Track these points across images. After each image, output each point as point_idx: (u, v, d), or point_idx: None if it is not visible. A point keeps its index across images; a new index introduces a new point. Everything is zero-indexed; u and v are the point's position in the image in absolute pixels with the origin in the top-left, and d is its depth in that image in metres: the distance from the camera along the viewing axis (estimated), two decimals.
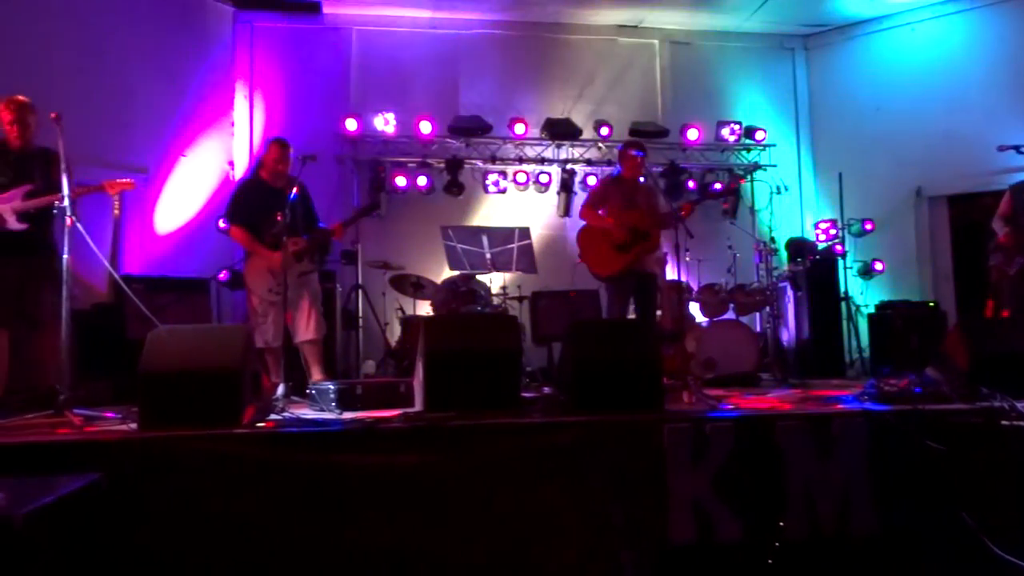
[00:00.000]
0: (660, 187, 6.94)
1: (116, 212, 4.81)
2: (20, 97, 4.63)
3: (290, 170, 5.04)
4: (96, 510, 2.67)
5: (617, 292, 5.53)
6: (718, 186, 8.39)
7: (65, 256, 4.02)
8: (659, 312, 6.18)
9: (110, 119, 6.56)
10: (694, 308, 6.78)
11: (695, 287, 6.87)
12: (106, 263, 4.53)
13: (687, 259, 6.54)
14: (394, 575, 3.14)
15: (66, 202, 4.12)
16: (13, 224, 4.50)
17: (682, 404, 4.11)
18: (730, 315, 6.69)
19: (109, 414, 3.88)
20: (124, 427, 3.52)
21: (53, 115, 4.14)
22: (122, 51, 6.86)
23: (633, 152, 5.62)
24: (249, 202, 5.04)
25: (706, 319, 6.68)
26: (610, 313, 5.54)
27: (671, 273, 6.22)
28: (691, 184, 8.35)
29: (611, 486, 3.30)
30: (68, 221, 4.05)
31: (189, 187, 7.47)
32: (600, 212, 5.56)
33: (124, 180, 4.43)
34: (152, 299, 4.99)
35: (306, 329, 5.03)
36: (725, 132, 8.46)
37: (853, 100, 8.44)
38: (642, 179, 5.70)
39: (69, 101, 4.61)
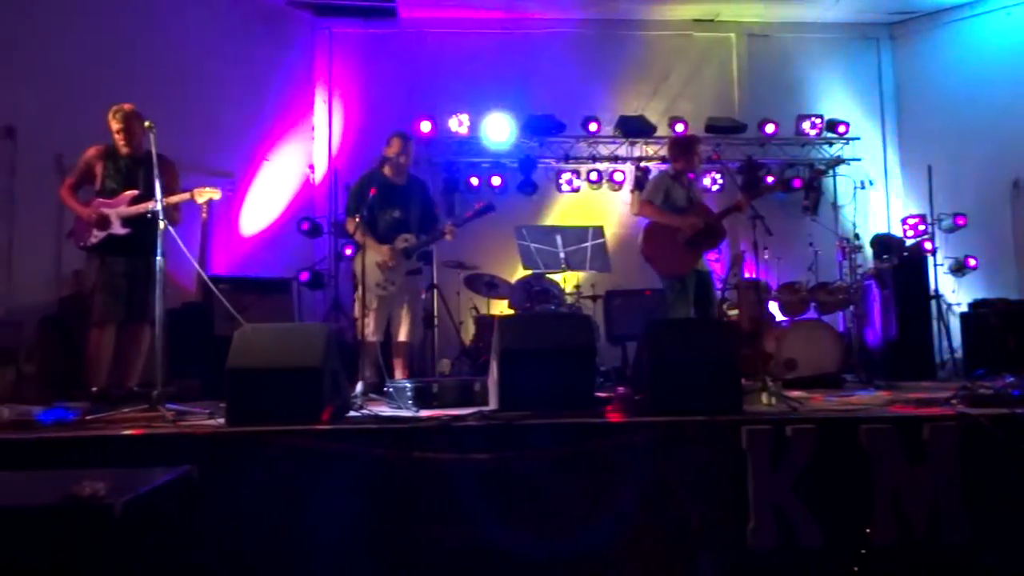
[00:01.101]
0: (737, 183, 6.92)
1: (204, 216, 5.01)
2: (126, 106, 4.83)
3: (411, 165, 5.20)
4: (188, 500, 2.74)
5: (684, 291, 5.48)
6: (797, 182, 8.31)
7: (158, 258, 4.19)
8: (736, 311, 6.16)
9: (197, 126, 6.76)
10: (773, 307, 6.67)
11: (774, 286, 6.76)
12: (196, 264, 4.70)
13: (765, 257, 6.46)
14: (467, 571, 3.14)
15: (159, 207, 4.28)
16: (117, 228, 4.75)
17: (761, 406, 4.03)
18: (811, 314, 6.55)
19: (199, 409, 3.99)
20: (213, 422, 3.63)
21: (147, 124, 4.38)
22: (208, 60, 7.09)
23: (695, 145, 5.64)
24: (364, 195, 5.05)
25: (786, 318, 6.55)
26: (675, 312, 5.50)
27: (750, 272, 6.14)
28: (769, 180, 8.21)
29: (689, 488, 3.25)
30: (161, 225, 4.22)
31: (271, 191, 7.76)
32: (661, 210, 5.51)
33: (211, 189, 4.57)
34: (237, 298, 5.14)
35: (400, 330, 5.12)
36: (805, 126, 8.30)
37: (943, 90, 8.23)
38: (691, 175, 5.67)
39: (160, 109, 4.80)
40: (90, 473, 2.37)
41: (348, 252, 7.24)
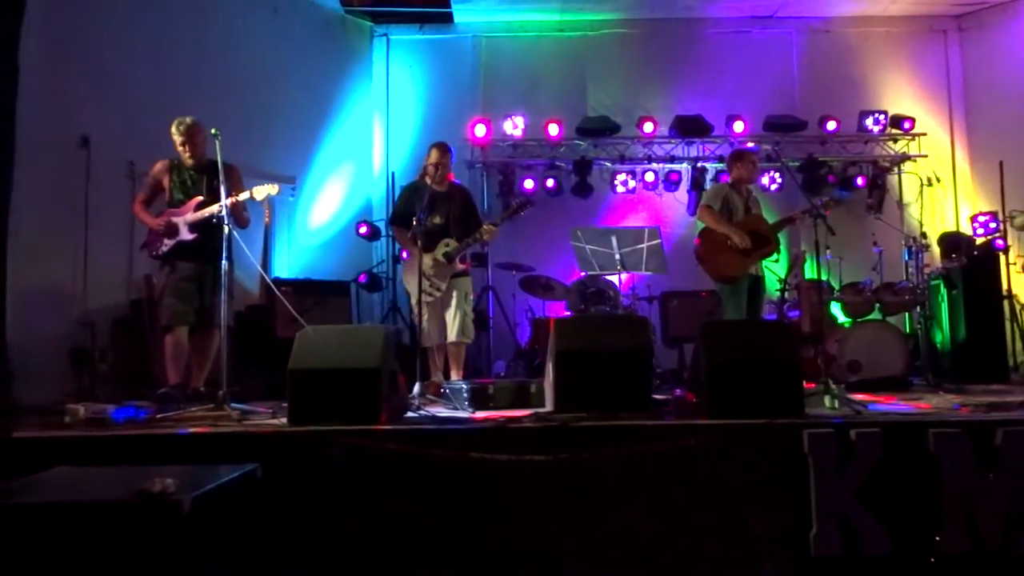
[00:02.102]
0: (797, 182, 6.72)
1: (267, 220, 5.11)
2: (188, 119, 4.93)
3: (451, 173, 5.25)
4: (253, 497, 2.80)
5: (736, 295, 5.46)
6: (860, 179, 8.11)
7: (224, 262, 4.27)
8: (799, 312, 6.08)
9: (260, 133, 6.90)
10: (836, 308, 6.56)
11: (837, 286, 6.63)
12: (259, 267, 4.79)
13: (828, 257, 6.29)
14: (523, 573, 3.14)
15: (224, 211, 4.38)
16: (185, 235, 4.86)
17: (824, 409, 3.94)
18: (876, 315, 6.41)
19: (262, 409, 4.06)
20: (275, 421, 3.70)
21: (212, 131, 4.43)
22: (271, 69, 7.22)
23: (755, 158, 5.69)
24: (407, 204, 5.12)
25: (850, 320, 6.43)
26: (726, 316, 5.49)
27: (812, 272, 6.01)
28: (831, 179, 8.05)
29: (749, 493, 3.18)
30: (226, 229, 4.30)
31: (331, 195, 7.85)
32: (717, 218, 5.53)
33: (269, 185, 4.60)
34: (298, 301, 5.24)
35: (451, 331, 5.11)
36: (868, 122, 8.11)
37: (1014, 82, 7.90)
38: (750, 186, 5.74)
39: (225, 117, 4.92)
40: (160, 470, 2.45)
41: (405, 255, 6.70)
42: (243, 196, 4.56)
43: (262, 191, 4.57)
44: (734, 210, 5.58)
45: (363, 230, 7.66)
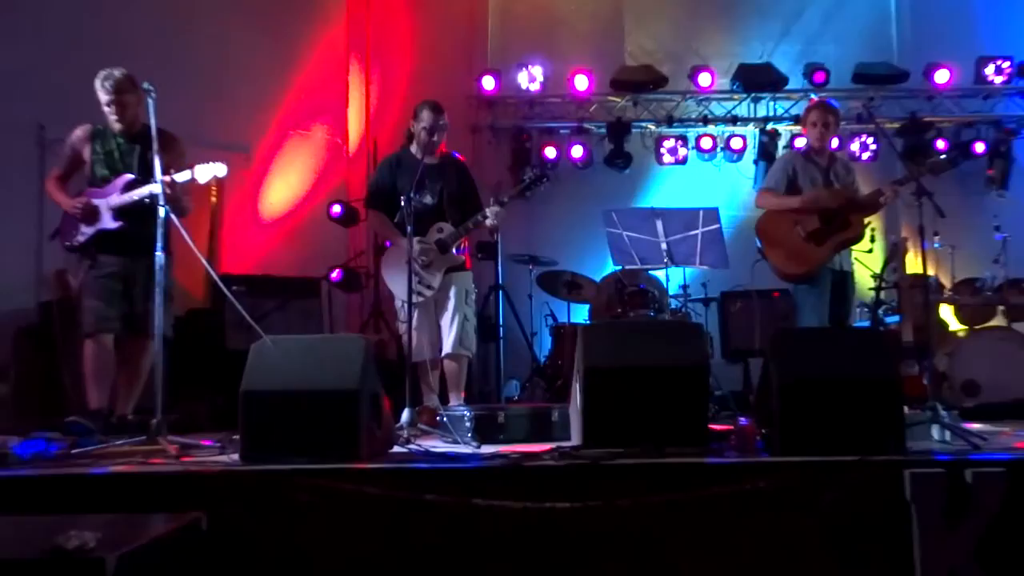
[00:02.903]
0: (897, 149, 6.78)
1: (213, 199, 5.06)
2: (116, 72, 4.84)
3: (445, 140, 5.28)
4: (195, 554, 2.78)
5: (817, 295, 5.51)
6: (979, 146, 8.10)
7: (159, 254, 4.24)
8: (899, 318, 6.05)
9: (206, 91, 6.95)
10: (946, 312, 6.69)
11: (948, 284, 6.73)
12: (204, 261, 4.70)
13: (936, 246, 6.38)
14: None
15: (158, 189, 4.35)
16: (108, 222, 4.84)
17: (931, 443, 3.96)
18: (999, 321, 6.55)
19: (207, 442, 4.07)
20: (224, 458, 3.69)
21: (145, 86, 4.38)
22: (219, 13, 7.25)
23: (821, 111, 5.65)
24: (388, 180, 5.22)
25: (964, 327, 6.54)
26: (802, 323, 5.55)
27: (915, 265, 5.98)
28: (941, 143, 8.14)
29: (835, 551, 3.20)
30: (161, 212, 4.27)
31: (297, 170, 7.93)
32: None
33: (214, 165, 4.55)
34: (255, 303, 5.29)
35: (447, 341, 5.18)
36: (988, 71, 8.14)
37: None
38: (835, 148, 5.78)
39: (159, 71, 4.88)
40: (77, 520, 2.42)
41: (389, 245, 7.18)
42: (182, 177, 4.53)
43: (206, 172, 4.54)
44: (810, 184, 5.62)
45: (336, 212, 7.69)
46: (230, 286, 4.79)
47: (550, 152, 8.13)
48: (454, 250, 5.22)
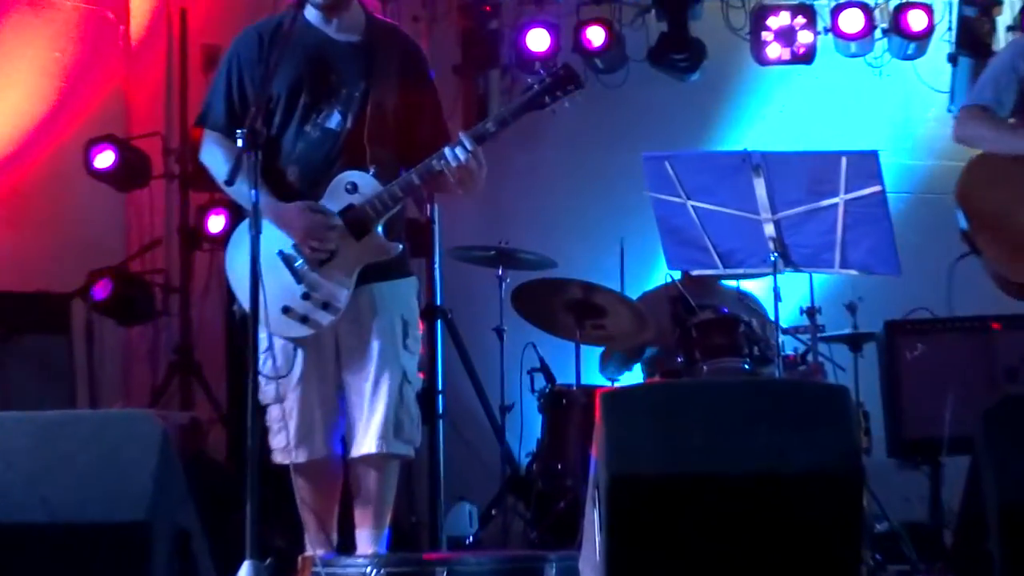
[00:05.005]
0: None
1: None
2: None
3: None
4: None
5: None
6: None
7: None
8: None
9: None
10: None
11: None
12: None
13: None
14: None
15: None
16: None
17: None
18: None
19: None
20: None
21: None
22: None
23: None
24: (248, 74, 4.04)
25: None
26: None
27: None
28: None
29: None
30: None
31: (20, 73, 6.42)
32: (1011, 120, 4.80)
33: None
34: None
35: (359, 426, 4.04)
36: None
37: None
38: None
39: None
40: None
41: (217, 228, 6.29)
42: None
43: None
44: None
45: (106, 162, 6.25)
46: None
47: (537, 39, 6.40)
48: (381, 230, 3.94)
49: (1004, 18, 6.56)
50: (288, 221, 3.87)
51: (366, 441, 3.97)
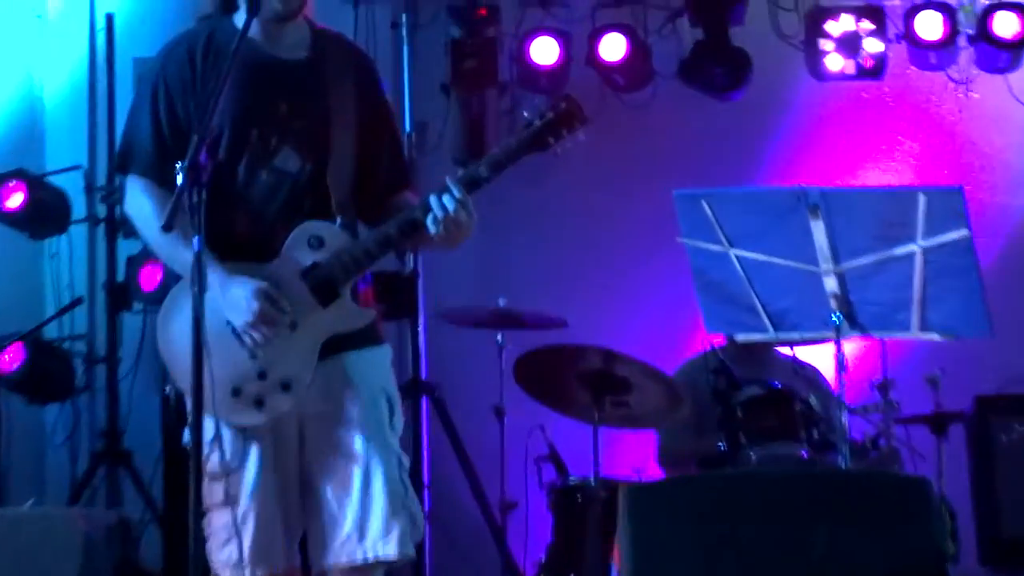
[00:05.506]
0: None
1: None
2: None
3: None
4: None
5: None
6: None
7: None
8: None
9: None
10: None
11: None
12: None
13: None
14: None
15: None
16: None
17: None
18: None
19: None
20: None
21: None
22: None
23: None
24: (180, 101, 3.50)
25: None
26: None
27: None
28: None
29: None
30: None
31: None
32: None
33: None
34: None
35: (360, 527, 3.50)
36: None
37: None
38: None
39: None
40: None
41: (152, 284, 5.68)
42: None
43: None
44: None
45: (14, 202, 5.92)
46: None
47: (543, 50, 5.85)
48: (349, 292, 3.49)
49: None
50: (234, 302, 3.33)
51: (358, 548, 3.39)
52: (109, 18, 6.07)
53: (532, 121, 3.33)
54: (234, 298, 3.33)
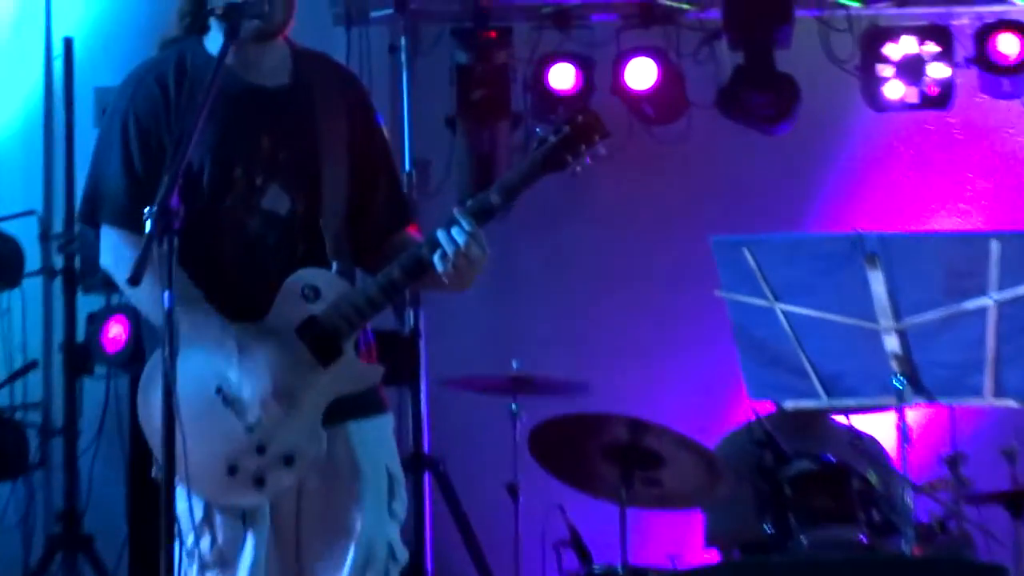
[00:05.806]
0: None
1: None
2: None
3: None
4: None
5: None
6: None
7: None
8: None
9: None
10: None
11: None
12: None
13: None
14: None
15: None
16: None
17: None
18: None
19: None
20: None
21: None
22: None
23: None
24: (152, 139, 3.33)
25: None
26: None
27: None
28: None
29: None
30: None
31: None
32: None
33: None
34: None
35: None
36: None
37: None
38: None
39: None
40: None
41: (116, 346, 5.49)
42: None
43: None
44: None
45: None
46: None
47: (561, 77, 5.61)
48: (352, 348, 3.27)
49: None
50: (220, 352, 3.07)
51: None
52: (67, 42, 5.82)
53: (546, 137, 3.10)
54: (217, 357, 3.00)
